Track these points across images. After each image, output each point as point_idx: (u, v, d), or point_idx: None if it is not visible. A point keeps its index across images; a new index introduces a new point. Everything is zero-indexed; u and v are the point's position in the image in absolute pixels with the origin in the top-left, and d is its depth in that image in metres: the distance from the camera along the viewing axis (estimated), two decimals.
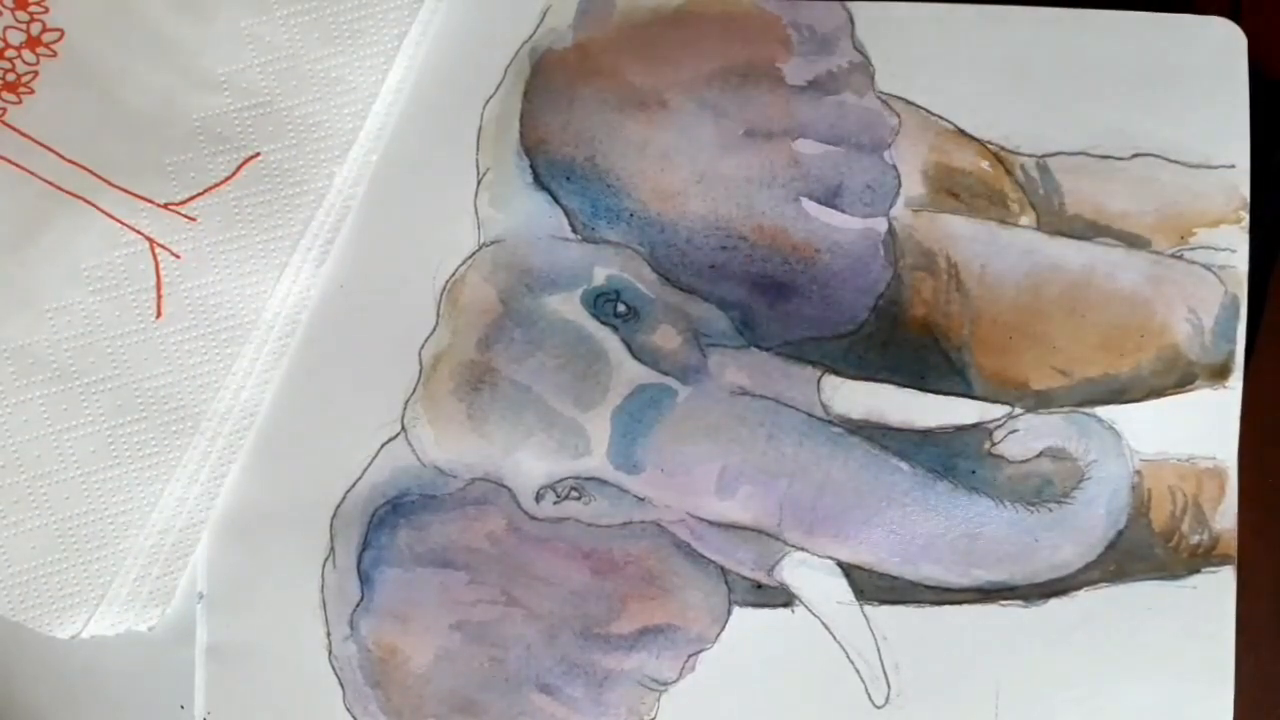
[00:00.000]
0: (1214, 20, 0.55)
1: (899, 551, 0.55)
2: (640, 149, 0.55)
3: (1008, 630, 0.55)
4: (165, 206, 0.54)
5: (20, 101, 0.53)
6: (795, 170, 0.55)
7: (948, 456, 0.55)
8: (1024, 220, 0.55)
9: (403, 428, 0.55)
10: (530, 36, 0.56)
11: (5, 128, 0.53)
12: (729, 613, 0.55)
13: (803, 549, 0.55)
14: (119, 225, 0.53)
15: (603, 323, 0.55)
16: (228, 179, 0.54)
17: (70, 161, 0.53)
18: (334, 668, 0.55)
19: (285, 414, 0.55)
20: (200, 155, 0.54)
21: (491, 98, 0.56)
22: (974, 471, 0.55)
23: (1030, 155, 0.55)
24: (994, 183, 0.56)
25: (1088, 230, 0.55)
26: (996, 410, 0.55)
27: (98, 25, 0.54)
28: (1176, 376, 0.55)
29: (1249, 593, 0.55)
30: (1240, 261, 0.55)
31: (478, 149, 0.55)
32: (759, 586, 0.55)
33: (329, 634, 0.55)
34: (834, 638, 0.55)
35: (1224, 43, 0.55)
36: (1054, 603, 0.55)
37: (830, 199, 0.55)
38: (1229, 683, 0.55)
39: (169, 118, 0.54)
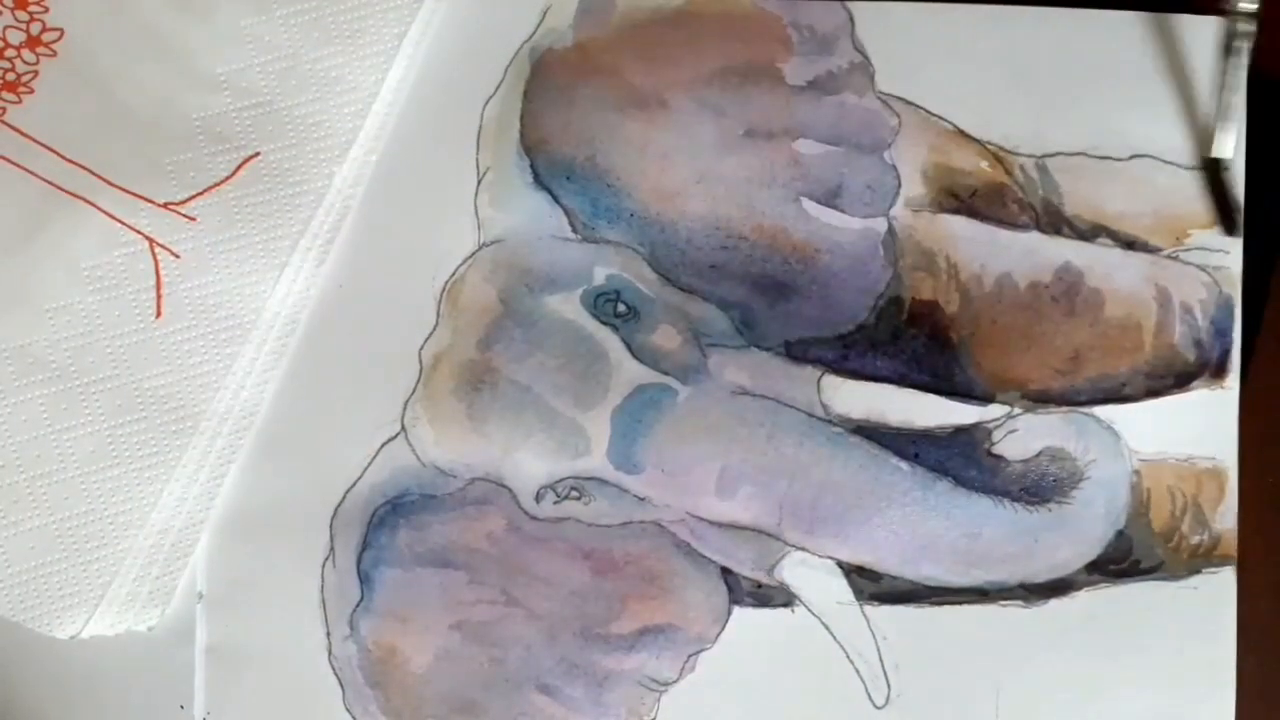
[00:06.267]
0: (1215, 20, 0.54)
1: (899, 551, 0.54)
2: (640, 149, 0.55)
3: (1008, 630, 0.54)
4: (165, 206, 0.53)
5: (20, 101, 0.53)
6: (795, 170, 0.54)
7: (947, 456, 0.54)
8: (1024, 220, 0.54)
9: (403, 428, 0.54)
10: (530, 36, 0.55)
11: (5, 127, 0.53)
12: (729, 613, 0.54)
13: (803, 549, 0.54)
14: (119, 225, 0.53)
15: (603, 323, 0.54)
16: (227, 179, 0.53)
17: (70, 161, 0.53)
18: (334, 668, 0.54)
19: (285, 414, 0.55)
20: (200, 155, 0.53)
21: (491, 97, 0.55)
22: (973, 471, 0.54)
23: (1029, 156, 0.54)
24: (993, 183, 0.55)
25: (1085, 230, 0.54)
26: (996, 410, 0.54)
27: (98, 25, 0.53)
28: (1174, 376, 0.54)
29: (1249, 593, 0.54)
30: (1234, 262, 0.54)
31: (478, 149, 0.55)
32: (759, 586, 0.54)
33: (329, 634, 0.54)
34: (834, 638, 0.54)
35: (1224, 43, 0.54)
36: (1054, 603, 0.54)
37: (830, 199, 0.55)
38: (1230, 683, 0.54)
39: (169, 117, 0.53)
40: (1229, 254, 0.54)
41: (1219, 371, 0.54)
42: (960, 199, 0.54)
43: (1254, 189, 0.54)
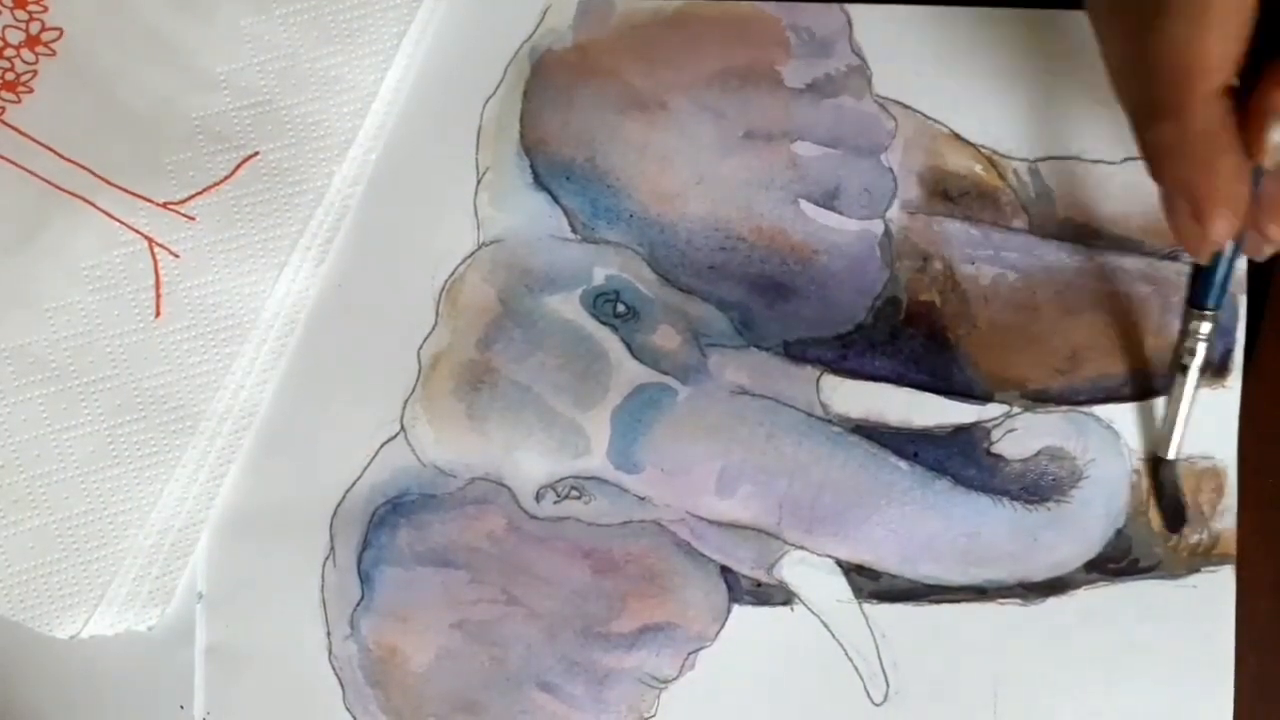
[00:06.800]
0: None
1: (898, 550, 0.53)
2: (640, 150, 0.54)
3: (1006, 629, 0.54)
4: (164, 206, 0.52)
5: (19, 100, 0.52)
6: (793, 172, 0.54)
7: (946, 455, 0.53)
8: (1017, 223, 0.54)
9: (402, 427, 0.54)
10: (530, 36, 0.54)
11: (4, 127, 0.52)
12: (729, 611, 0.54)
13: (802, 548, 0.54)
14: (118, 224, 0.52)
15: (602, 323, 0.54)
16: (227, 178, 0.53)
17: (69, 160, 0.52)
18: (334, 667, 0.54)
19: (285, 414, 0.54)
20: (199, 154, 0.53)
21: (491, 97, 0.54)
22: (973, 470, 0.53)
23: (1022, 160, 0.54)
24: (987, 186, 0.54)
25: (1079, 233, 0.54)
26: (995, 409, 0.54)
27: (97, 24, 0.53)
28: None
29: (1249, 592, 0.53)
30: (1240, 263, 0.53)
31: (477, 148, 0.54)
32: (759, 585, 0.54)
33: (329, 634, 0.54)
34: (833, 636, 0.54)
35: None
36: (1052, 601, 0.53)
37: (828, 201, 0.54)
38: (1228, 682, 0.53)
39: (168, 117, 0.53)
40: None
41: (1221, 371, 0.53)
42: (954, 201, 0.54)
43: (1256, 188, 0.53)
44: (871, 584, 0.54)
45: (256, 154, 0.53)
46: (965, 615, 0.53)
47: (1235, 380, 0.53)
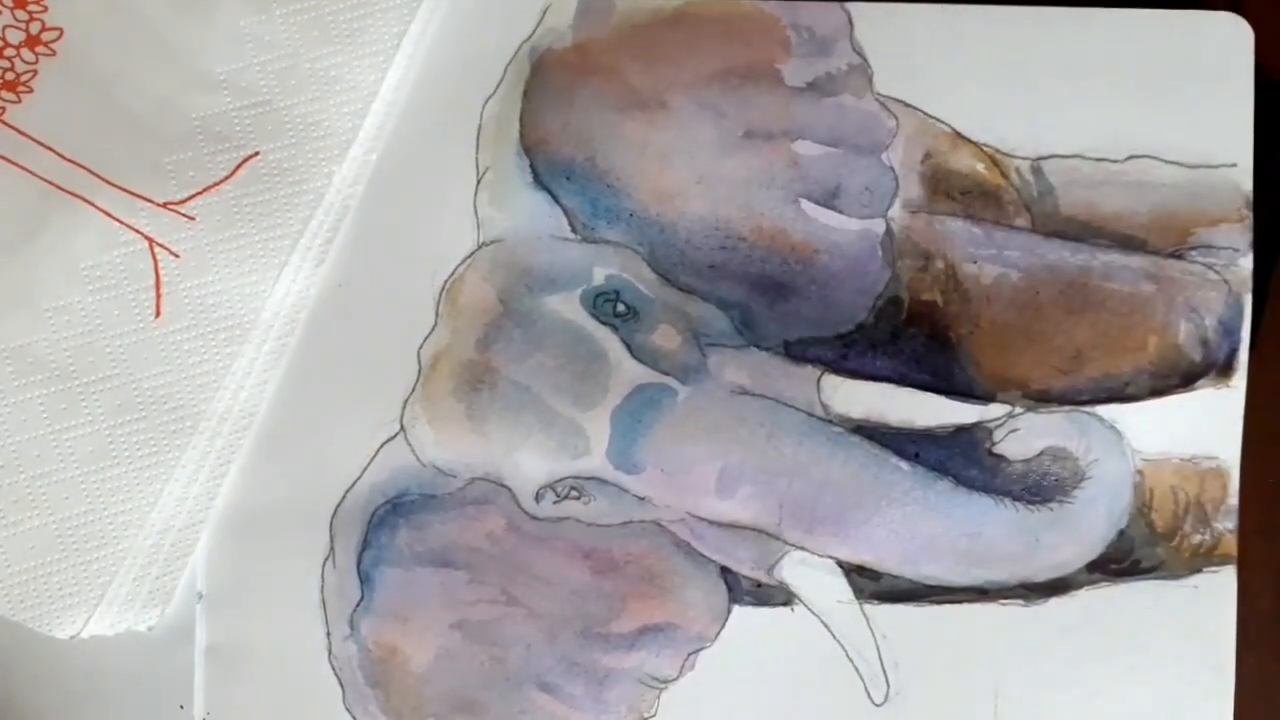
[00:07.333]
0: (1220, 16, 0.53)
1: (899, 551, 0.53)
2: (640, 149, 0.54)
3: (1008, 629, 0.53)
4: (164, 206, 0.52)
5: (19, 100, 0.52)
6: (794, 171, 0.54)
7: (948, 456, 0.53)
8: (1019, 222, 0.54)
9: (402, 427, 0.54)
10: (530, 36, 0.54)
11: (4, 127, 0.52)
12: (729, 611, 0.54)
13: (802, 548, 0.53)
14: (118, 224, 0.52)
15: (602, 322, 0.53)
16: (227, 178, 0.52)
17: (69, 160, 0.52)
18: (334, 668, 0.54)
19: (285, 414, 0.54)
20: (199, 154, 0.52)
21: (491, 97, 0.54)
22: (974, 471, 0.53)
23: (1024, 158, 0.54)
24: (989, 185, 0.54)
25: (1082, 231, 0.54)
26: (997, 409, 0.53)
27: (97, 24, 0.52)
28: (1179, 376, 0.53)
29: (1250, 593, 0.53)
30: (1245, 260, 0.53)
31: (477, 148, 0.54)
32: (759, 585, 0.54)
33: (329, 634, 0.54)
34: (834, 636, 0.54)
35: (1230, 39, 0.53)
36: (1054, 602, 0.53)
37: (829, 200, 0.54)
38: (1229, 683, 0.53)
39: (168, 117, 0.52)
40: (1239, 251, 0.53)
41: (1225, 371, 0.53)
42: (956, 200, 0.54)
43: (1258, 190, 0.53)
44: (872, 584, 0.53)
45: (257, 154, 0.52)
46: (967, 616, 0.53)
47: (1240, 380, 0.53)
